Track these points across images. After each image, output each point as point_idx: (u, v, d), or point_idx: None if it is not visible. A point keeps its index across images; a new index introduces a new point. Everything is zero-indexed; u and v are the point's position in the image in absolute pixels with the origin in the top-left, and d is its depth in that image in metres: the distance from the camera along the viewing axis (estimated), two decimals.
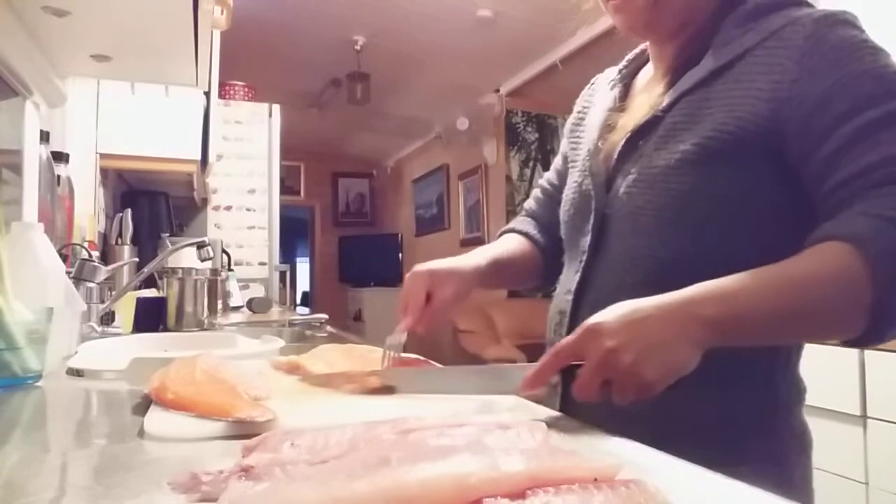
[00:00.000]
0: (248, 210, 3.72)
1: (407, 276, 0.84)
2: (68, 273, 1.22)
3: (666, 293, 0.57)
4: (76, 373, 0.87)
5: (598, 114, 0.85)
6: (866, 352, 1.51)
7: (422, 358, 0.86)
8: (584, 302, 0.76)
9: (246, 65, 4.03)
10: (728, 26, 0.71)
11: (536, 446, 0.42)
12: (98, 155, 2.43)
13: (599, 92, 0.90)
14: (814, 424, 0.70)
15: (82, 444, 0.55)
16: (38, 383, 0.79)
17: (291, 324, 2.08)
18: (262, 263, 3.74)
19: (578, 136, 0.90)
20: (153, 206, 3.11)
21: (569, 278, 0.81)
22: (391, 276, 6.84)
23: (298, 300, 8.01)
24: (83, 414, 0.72)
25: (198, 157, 2.68)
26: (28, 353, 0.77)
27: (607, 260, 0.75)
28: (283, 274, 3.92)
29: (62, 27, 1.25)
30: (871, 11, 1.85)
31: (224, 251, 3.06)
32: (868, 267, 0.54)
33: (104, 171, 2.62)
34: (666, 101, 0.72)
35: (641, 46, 0.88)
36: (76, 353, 1.00)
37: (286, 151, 3.94)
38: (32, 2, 1.14)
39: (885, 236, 0.54)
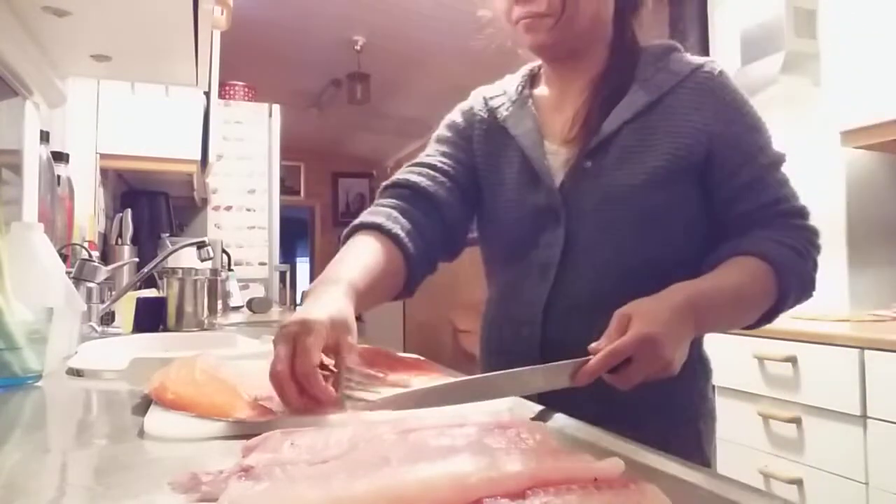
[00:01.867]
0: (248, 210, 3.72)
1: (277, 336, 0.60)
2: (68, 273, 1.22)
3: (668, 295, 0.70)
4: (76, 373, 0.87)
5: (527, 133, 0.88)
6: (866, 351, 1.51)
7: (422, 358, 0.86)
8: (556, 312, 0.81)
9: (246, 65, 4.03)
10: (644, 66, 0.85)
11: (536, 446, 0.42)
12: (98, 155, 2.43)
13: (503, 108, 0.92)
14: (814, 424, 0.71)
15: (82, 444, 0.55)
16: (38, 383, 0.79)
17: None
18: (262, 263, 3.74)
19: (494, 151, 0.91)
20: (153, 206, 3.11)
21: (525, 289, 0.84)
22: None
23: (298, 300, 8.01)
24: (83, 414, 0.72)
25: (198, 157, 2.68)
26: (28, 353, 0.77)
27: (576, 272, 0.82)
28: (283, 274, 3.92)
29: (62, 27, 1.25)
30: (871, 11, 1.85)
31: (224, 251, 3.06)
32: (777, 279, 0.76)
33: (104, 171, 2.62)
34: (608, 126, 0.82)
35: (526, 68, 0.97)
36: (76, 353, 1.00)
37: (286, 151, 3.94)
38: (32, 2, 1.14)
39: (784, 257, 0.77)
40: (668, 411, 0.81)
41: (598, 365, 0.64)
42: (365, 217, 0.85)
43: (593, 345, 0.65)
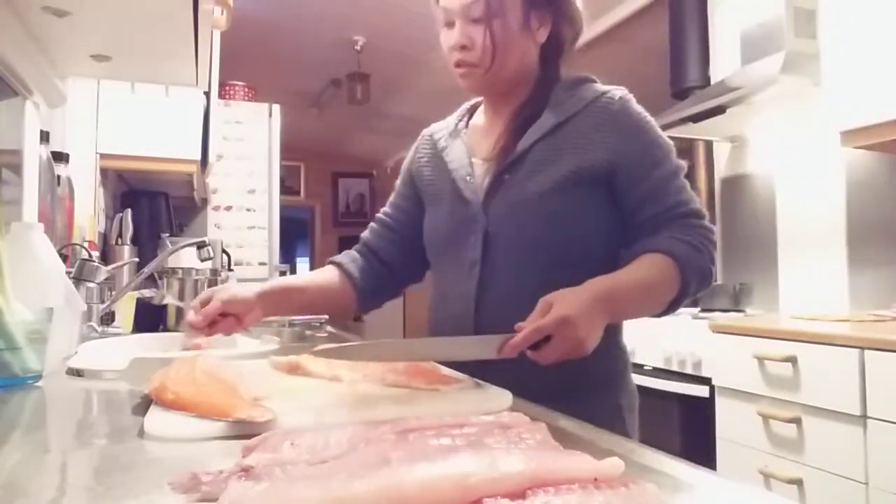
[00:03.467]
0: (248, 210, 3.72)
1: (213, 292, 0.96)
2: (68, 273, 1.22)
3: (587, 286, 0.82)
4: (76, 373, 0.87)
5: (457, 157, 1.05)
6: (866, 351, 1.51)
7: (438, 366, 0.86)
8: (485, 303, 0.95)
9: (246, 65, 4.02)
10: (557, 93, 1.00)
11: (536, 446, 0.42)
12: (98, 155, 2.43)
13: (442, 141, 1.10)
14: (814, 424, 0.71)
15: (82, 444, 0.55)
16: (38, 383, 0.79)
17: (291, 324, 2.07)
18: (262, 263, 3.73)
19: (432, 176, 1.09)
20: (153, 206, 3.11)
21: (459, 285, 0.98)
22: None
23: None
24: (83, 414, 0.72)
25: (198, 157, 2.68)
26: (28, 353, 0.77)
27: (497, 268, 0.96)
28: (283, 274, 3.91)
29: (62, 27, 1.25)
30: (870, 11, 1.85)
31: (224, 251, 3.06)
32: (679, 271, 0.88)
33: (104, 171, 2.62)
34: (523, 144, 0.96)
35: (466, 105, 1.14)
36: (76, 353, 1.00)
37: (286, 151, 3.93)
38: (32, 2, 1.14)
39: (685, 252, 0.89)
40: (591, 388, 0.94)
41: (522, 340, 0.75)
42: (335, 258, 1.17)
43: (519, 324, 0.76)
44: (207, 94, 2.72)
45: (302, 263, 9.15)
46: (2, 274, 0.76)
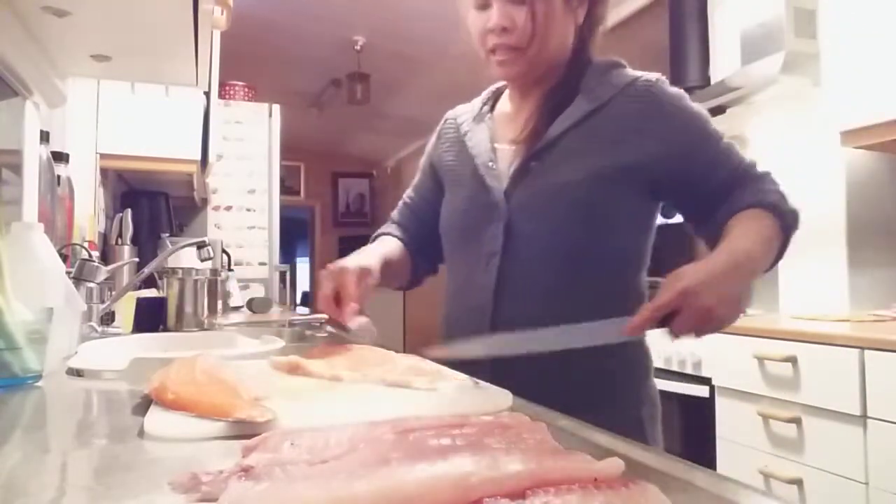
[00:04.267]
0: (248, 210, 3.73)
1: (336, 268, 0.91)
2: (68, 273, 1.22)
3: (713, 256, 0.80)
4: (76, 373, 0.87)
5: (480, 141, 1.01)
6: (866, 351, 1.51)
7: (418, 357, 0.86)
8: (505, 295, 0.91)
9: (246, 65, 4.02)
10: (589, 78, 0.95)
11: (536, 446, 0.42)
12: (98, 155, 2.43)
13: (465, 125, 1.06)
14: (814, 424, 0.72)
15: (82, 444, 0.55)
16: (38, 383, 0.79)
17: (291, 324, 2.08)
18: (262, 263, 3.74)
19: (454, 162, 1.05)
20: (153, 206, 3.11)
21: (476, 276, 0.94)
22: None
23: (298, 300, 8.01)
24: (83, 414, 0.72)
25: (198, 157, 2.68)
26: (28, 353, 0.77)
27: (518, 259, 0.91)
28: (283, 274, 3.92)
29: (62, 27, 1.25)
30: (870, 11, 1.85)
31: (224, 251, 3.06)
32: (776, 218, 0.87)
33: (104, 172, 2.62)
34: (553, 131, 0.92)
35: (491, 88, 1.09)
36: (76, 353, 1.00)
37: (286, 151, 3.94)
38: (32, 2, 1.14)
39: (776, 200, 0.89)
40: (610, 399, 0.91)
41: (642, 319, 0.74)
42: (382, 228, 1.15)
43: (645, 304, 0.76)
44: (207, 94, 2.72)
45: (302, 263, 9.15)
46: (2, 274, 0.76)
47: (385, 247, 1.07)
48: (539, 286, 0.89)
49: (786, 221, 0.88)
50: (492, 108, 1.06)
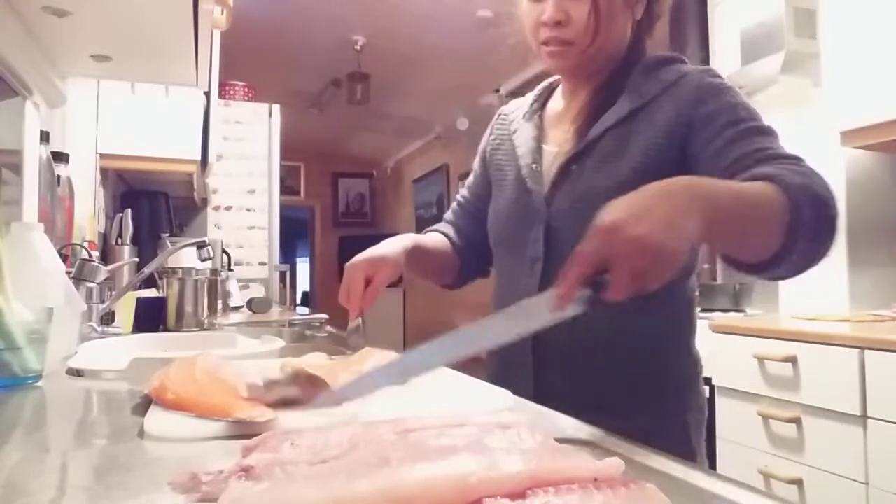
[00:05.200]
0: (248, 210, 3.72)
1: (347, 266, 0.93)
2: (68, 273, 1.22)
3: (657, 184, 0.61)
4: (76, 373, 0.87)
5: (525, 141, 0.98)
6: (866, 351, 1.51)
7: None
8: None
9: (246, 65, 4.02)
10: (636, 76, 0.91)
11: (536, 446, 0.42)
12: (98, 155, 2.43)
13: (515, 122, 1.04)
14: (813, 424, 0.71)
15: (82, 444, 0.55)
16: (38, 383, 0.79)
17: (291, 324, 2.08)
18: (262, 263, 3.74)
19: (502, 160, 1.03)
20: (153, 206, 3.11)
21: (520, 281, 0.92)
22: None
23: (298, 300, 8.00)
24: (83, 414, 0.72)
25: (198, 157, 2.68)
26: (28, 353, 0.77)
27: (559, 264, 0.77)
28: (283, 274, 3.92)
29: (62, 27, 1.25)
30: (870, 11, 1.85)
31: (224, 251, 3.06)
32: (784, 194, 0.67)
33: (104, 171, 2.61)
34: (593, 132, 0.89)
35: (544, 84, 1.05)
36: (76, 353, 1.00)
37: (286, 151, 3.94)
38: (32, 2, 1.14)
39: (789, 176, 0.70)
40: (656, 403, 0.86)
41: (566, 280, 0.56)
42: (435, 226, 1.13)
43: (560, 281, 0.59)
44: (207, 94, 2.72)
45: (302, 263, 9.14)
46: (2, 274, 0.76)
47: (426, 236, 1.07)
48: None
49: (795, 198, 0.67)
50: (543, 105, 1.03)
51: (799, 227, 0.67)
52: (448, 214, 1.16)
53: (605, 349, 0.83)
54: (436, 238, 1.09)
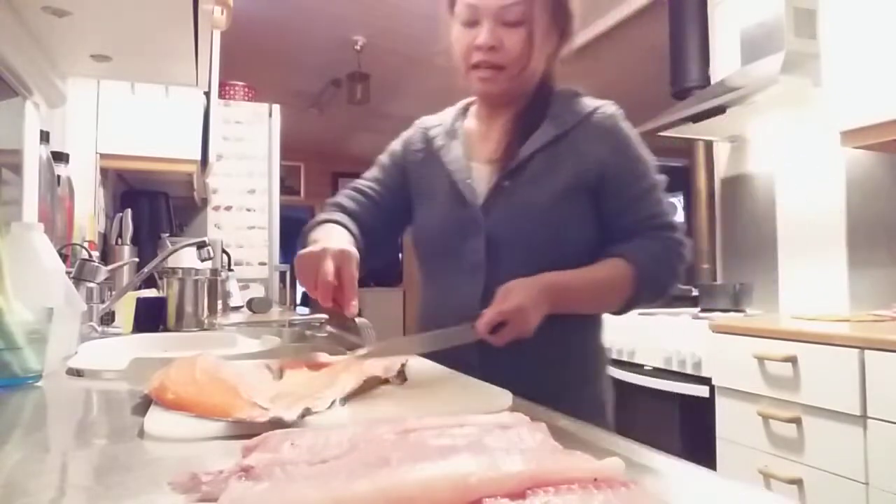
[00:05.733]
0: (248, 210, 3.72)
1: (313, 254, 0.84)
2: (68, 273, 1.22)
3: (540, 278, 0.91)
4: (76, 373, 0.87)
5: (456, 158, 1.06)
6: (866, 351, 1.51)
7: None
8: (489, 303, 0.94)
9: (246, 65, 4.02)
10: (555, 105, 1.04)
11: (536, 446, 0.42)
12: (98, 155, 2.43)
13: (438, 139, 1.11)
14: (813, 424, 0.71)
15: (82, 444, 0.55)
16: (38, 383, 0.79)
17: (291, 324, 2.08)
18: (262, 263, 3.74)
19: (430, 174, 1.09)
20: (153, 206, 3.11)
21: (461, 289, 1.01)
22: (391, 276, 6.82)
23: (298, 300, 7.99)
24: (83, 414, 0.72)
25: (198, 157, 2.68)
26: (28, 353, 0.77)
27: (502, 270, 0.97)
28: (283, 274, 3.91)
29: (62, 27, 1.25)
30: (870, 11, 1.85)
31: (224, 251, 3.06)
32: (634, 279, 0.97)
33: (104, 171, 2.62)
34: (524, 152, 1.00)
35: (461, 105, 1.16)
36: (76, 353, 1.00)
37: (286, 151, 3.93)
38: (32, 2, 1.14)
39: (644, 261, 0.97)
40: (577, 386, 1.02)
41: (488, 321, 0.85)
42: (325, 216, 1.07)
43: (485, 310, 0.86)
44: (207, 94, 2.72)
45: None
46: (2, 274, 0.76)
47: (343, 231, 1.03)
48: None
49: (639, 285, 0.97)
50: (461, 124, 1.12)
51: (635, 303, 1.00)
52: (347, 203, 1.11)
53: (538, 345, 0.93)
54: (345, 236, 1.02)
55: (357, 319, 0.86)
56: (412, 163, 1.13)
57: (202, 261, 1.76)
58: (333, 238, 0.93)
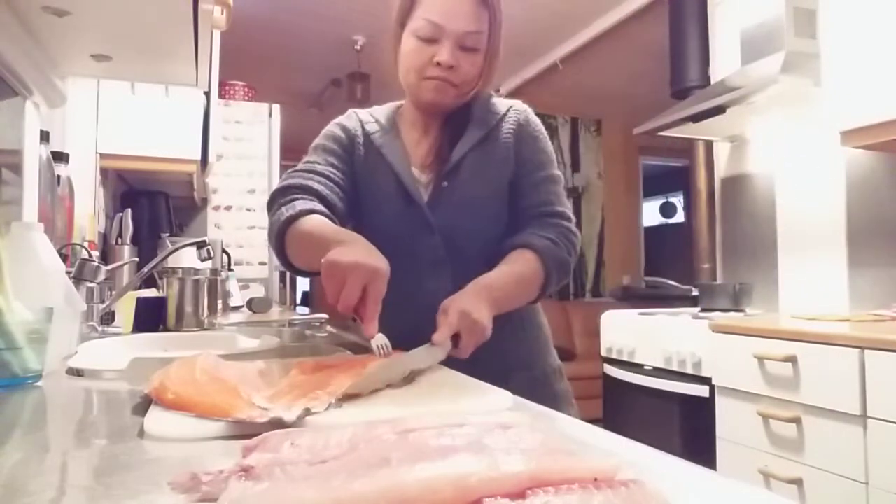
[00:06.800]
0: (248, 210, 3.72)
1: (342, 266, 0.78)
2: (68, 273, 1.22)
3: (470, 287, 0.96)
4: (76, 373, 0.87)
5: (399, 160, 1.11)
6: (866, 351, 1.51)
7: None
8: (450, 294, 1.00)
9: (246, 65, 4.02)
10: (477, 109, 1.13)
11: (536, 446, 0.42)
12: (98, 155, 2.43)
13: (377, 137, 1.15)
14: (813, 424, 0.71)
15: (82, 444, 0.55)
16: (38, 383, 0.79)
17: (291, 324, 2.08)
18: (262, 263, 3.74)
19: (375, 171, 1.12)
20: (153, 206, 3.11)
21: (425, 283, 1.05)
22: None
23: (298, 300, 7.99)
24: (83, 414, 0.72)
25: (198, 157, 2.68)
26: (28, 353, 0.77)
27: (462, 262, 1.06)
28: (283, 274, 3.91)
29: (62, 27, 1.25)
30: (870, 11, 1.85)
31: (224, 251, 3.06)
32: (541, 264, 1.03)
33: (104, 171, 2.62)
34: (457, 154, 1.08)
35: (393, 108, 1.24)
36: (76, 353, 1.00)
37: (286, 151, 3.93)
38: (32, 2, 1.14)
39: (545, 247, 1.04)
40: (526, 363, 1.11)
41: (442, 335, 0.86)
42: (303, 206, 1.00)
43: (434, 335, 0.87)
44: (207, 94, 2.72)
45: None
46: (2, 274, 0.76)
47: (333, 227, 1.00)
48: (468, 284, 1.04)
49: (547, 268, 1.03)
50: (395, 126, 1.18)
51: (548, 286, 1.06)
52: (318, 187, 1.06)
53: (500, 329, 0.98)
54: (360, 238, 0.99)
55: (372, 341, 0.82)
56: (357, 156, 1.15)
57: (202, 261, 1.76)
58: (360, 247, 0.84)
